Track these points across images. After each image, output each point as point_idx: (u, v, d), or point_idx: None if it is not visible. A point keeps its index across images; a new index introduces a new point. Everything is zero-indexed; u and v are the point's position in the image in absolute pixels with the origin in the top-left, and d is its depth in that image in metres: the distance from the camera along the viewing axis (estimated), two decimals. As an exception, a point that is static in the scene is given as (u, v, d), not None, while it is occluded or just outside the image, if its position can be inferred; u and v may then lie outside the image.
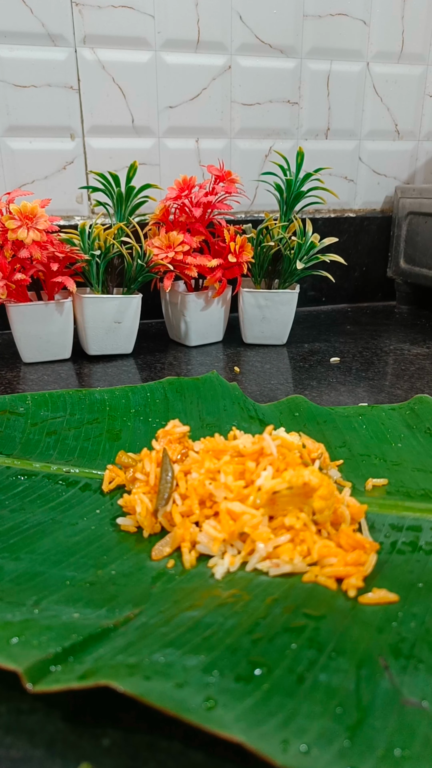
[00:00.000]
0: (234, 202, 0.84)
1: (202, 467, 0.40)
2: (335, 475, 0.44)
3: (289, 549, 0.35)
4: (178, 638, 0.28)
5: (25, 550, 0.37)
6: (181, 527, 0.37)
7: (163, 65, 0.86)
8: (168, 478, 0.39)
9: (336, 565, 0.34)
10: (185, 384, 0.60)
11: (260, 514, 0.36)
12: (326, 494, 0.36)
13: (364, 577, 0.34)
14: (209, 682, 0.25)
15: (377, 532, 0.39)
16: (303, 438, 0.43)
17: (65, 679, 0.25)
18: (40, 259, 0.69)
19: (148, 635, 0.29)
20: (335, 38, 0.93)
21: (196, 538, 0.37)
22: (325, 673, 0.26)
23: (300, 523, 0.36)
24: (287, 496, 0.36)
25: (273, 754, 0.22)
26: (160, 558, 0.36)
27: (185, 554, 0.36)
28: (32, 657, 0.26)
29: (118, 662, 0.26)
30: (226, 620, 0.30)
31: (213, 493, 0.38)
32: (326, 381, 0.69)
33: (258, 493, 0.37)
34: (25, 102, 0.82)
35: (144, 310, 0.80)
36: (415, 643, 0.28)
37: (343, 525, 0.37)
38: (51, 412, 0.55)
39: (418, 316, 1.00)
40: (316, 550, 0.35)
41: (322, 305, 1.07)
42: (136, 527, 0.40)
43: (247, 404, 0.57)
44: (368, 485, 0.44)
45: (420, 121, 1.03)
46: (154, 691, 0.24)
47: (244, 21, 0.88)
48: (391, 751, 0.22)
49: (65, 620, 0.30)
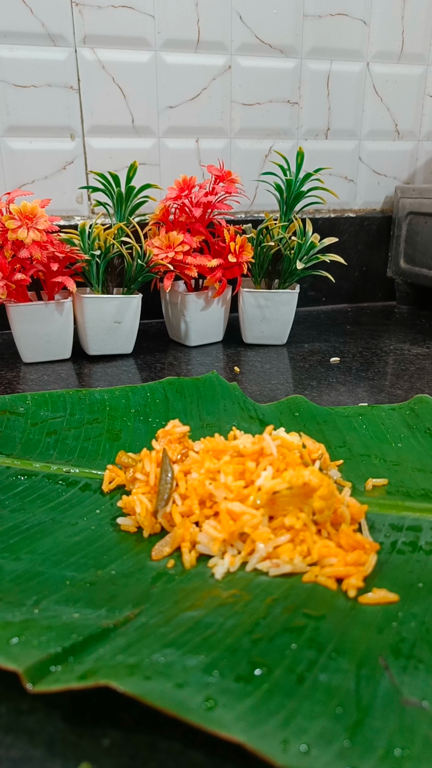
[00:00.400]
0: (234, 202, 0.84)
1: (202, 467, 0.40)
2: (335, 475, 0.44)
3: (289, 549, 0.35)
4: (178, 638, 0.28)
5: (25, 550, 0.37)
6: (181, 527, 0.37)
7: (163, 65, 0.86)
8: (168, 479, 0.39)
9: (336, 565, 0.34)
10: (185, 384, 0.60)
11: (260, 514, 0.36)
12: (326, 494, 0.36)
13: (364, 578, 0.34)
14: (209, 682, 0.25)
15: (377, 532, 0.39)
16: (303, 438, 0.43)
17: (65, 679, 0.25)
18: (40, 259, 0.69)
19: (148, 635, 0.29)
20: (335, 38, 0.93)
21: (196, 538, 0.37)
22: (325, 673, 0.26)
23: (300, 523, 0.36)
24: (287, 496, 0.36)
25: (273, 754, 0.22)
26: (160, 558, 0.36)
27: (185, 554, 0.36)
28: (32, 657, 0.26)
29: (118, 662, 0.26)
30: (226, 620, 0.30)
31: (213, 493, 0.38)
32: (326, 381, 0.69)
33: (258, 493, 0.37)
34: (25, 102, 0.82)
35: (144, 310, 0.80)
36: (415, 643, 0.28)
37: (343, 525, 0.37)
38: (51, 412, 0.55)
39: (418, 316, 1.01)
40: (316, 550, 0.35)
41: (322, 305, 1.07)
42: (136, 527, 0.40)
43: (247, 404, 0.57)
44: (368, 485, 0.44)
45: (420, 121, 1.03)
46: (154, 691, 0.24)
47: (244, 21, 0.88)
48: (391, 751, 0.22)
49: (65, 620, 0.30)
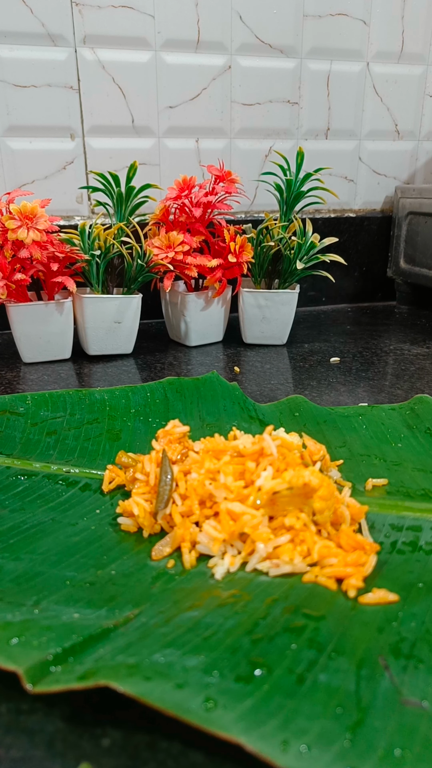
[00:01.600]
0: (234, 202, 0.84)
1: (202, 467, 0.40)
2: (335, 476, 0.44)
3: (289, 549, 0.35)
4: (178, 638, 0.28)
5: (25, 550, 0.37)
6: (181, 527, 0.37)
7: (163, 65, 0.86)
8: (167, 480, 0.39)
9: (336, 566, 0.34)
10: (185, 384, 0.60)
11: (260, 514, 0.36)
12: (326, 495, 0.36)
13: (364, 578, 0.34)
14: (209, 682, 0.25)
15: (377, 532, 0.39)
16: (305, 439, 0.43)
17: (65, 680, 0.25)
18: (40, 259, 0.69)
19: (148, 635, 0.29)
20: (335, 38, 0.93)
21: (196, 538, 0.37)
22: (325, 673, 0.26)
23: (300, 524, 0.36)
24: (287, 496, 0.36)
25: (273, 755, 0.22)
26: (160, 558, 0.36)
27: (185, 554, 0.36)
28: (32, 658, 0.26)
29: (118, 662, 0.26)
30: (226, 620, 0.30)
31: (213, 494, 0.38)
32: (326, 381, 0.69)
33: (258, 494, 0.37)
34: (25, 102, 0.82)
35: (144, 310, 0.79)
36: (415, 642, 0.28)
37: (344, 525, 0.37)
38: (51, 412, 0.55)
39: (418, 316, 1.00)
40: (316, 551, 0.35)
41: (322, 305, 1.07)
42: (136, 527, 0.40)
43: (247, 404, 0.57)
44: (368, 485, 0.44)
45: (420, 121, 1.03)
46: (154, 692, 0.24)
47: (244, 21, 0.88)
48: (392, 751, 0.22)
49: (65, 620, 0.30)
